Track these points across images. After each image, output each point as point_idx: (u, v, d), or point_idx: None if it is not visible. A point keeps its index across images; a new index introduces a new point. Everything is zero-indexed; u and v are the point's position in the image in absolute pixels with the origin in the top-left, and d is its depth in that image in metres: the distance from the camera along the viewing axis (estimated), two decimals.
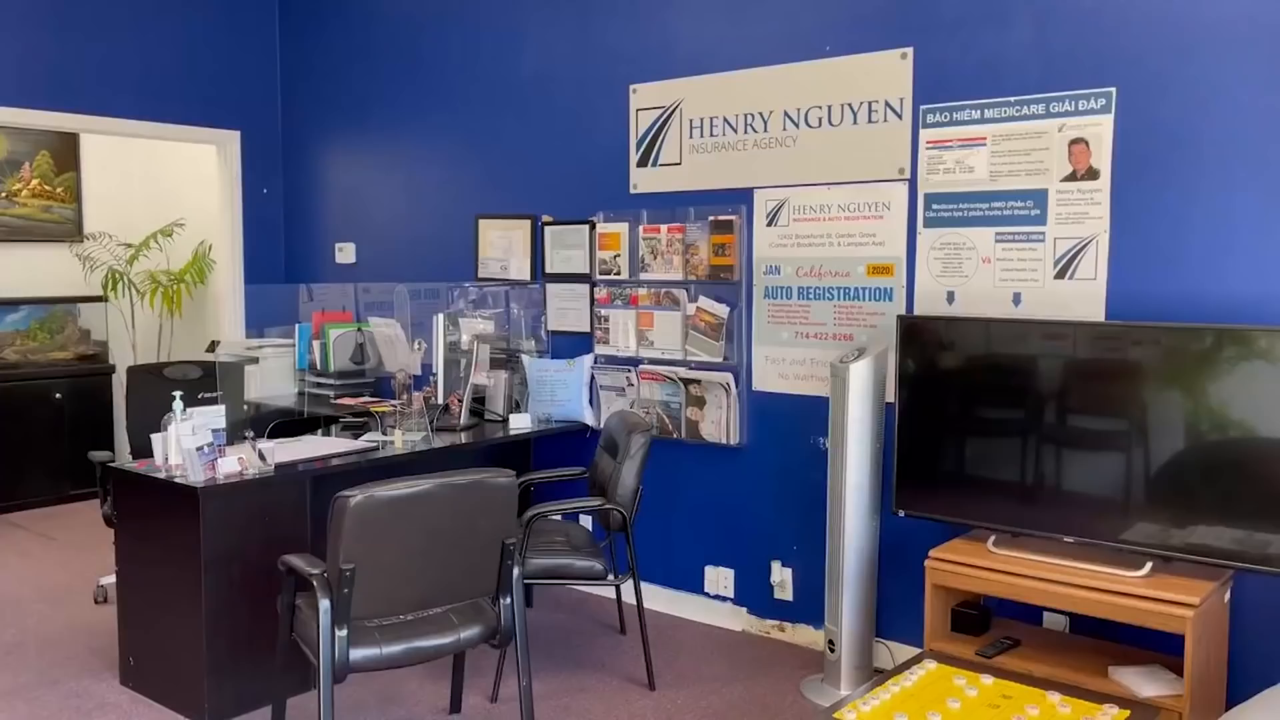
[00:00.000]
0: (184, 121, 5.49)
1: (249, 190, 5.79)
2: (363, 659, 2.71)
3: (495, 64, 4.82)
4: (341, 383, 5.19)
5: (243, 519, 3.33)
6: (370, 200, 5.47)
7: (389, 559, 2.69)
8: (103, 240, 6.59)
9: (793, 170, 3.87)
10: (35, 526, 5.69)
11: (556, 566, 3.48)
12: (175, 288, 6.52)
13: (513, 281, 4.82)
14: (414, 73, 5.18)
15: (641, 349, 4.31)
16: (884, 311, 3.67)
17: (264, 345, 5.40)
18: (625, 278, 4.34)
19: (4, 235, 6.32)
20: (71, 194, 6.60)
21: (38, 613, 4.31)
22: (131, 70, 5.28)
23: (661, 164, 4.23)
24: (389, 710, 3.40)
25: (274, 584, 3.35)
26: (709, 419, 4.12)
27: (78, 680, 3.62)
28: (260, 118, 5.81)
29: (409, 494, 2.69)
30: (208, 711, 3.27)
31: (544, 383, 4.51)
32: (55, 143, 6.48)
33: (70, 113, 5.08)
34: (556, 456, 4.66)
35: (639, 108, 4.29)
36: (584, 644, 3.98)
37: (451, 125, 5.03)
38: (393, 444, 3.91)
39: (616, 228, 4.35)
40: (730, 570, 4.16)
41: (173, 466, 3.38)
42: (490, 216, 4.89)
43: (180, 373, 4.63)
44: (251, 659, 3.36)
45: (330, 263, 5.69)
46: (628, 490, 3.56)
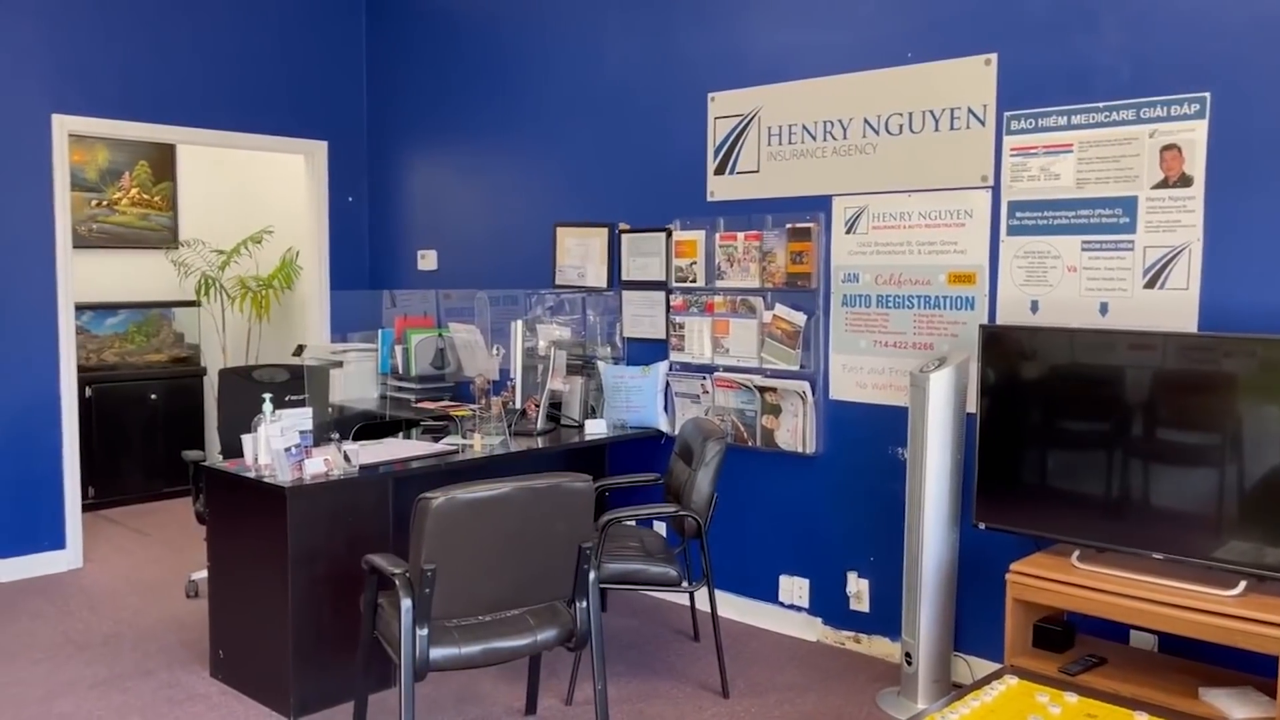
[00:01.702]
0: (274, 132, 5.67)
1: (335, 198, 5.95)
2: (442, 658, 2.76)
3: (575, 73, 4.88)
4: (422, 387, 5.30)
5: (327, 518, 3.42)
6: (451, 208, 5.57)
7: (468, 560, 2.74)
8: (196, 247, 6.83)
9: (872, 177, 3.84)
10: (131, 522, 5.91)
11: (631, 572, 3.50)
12: (264, 293, 6.73)
13: (589, 288, 4.86)
14: (495, 83, 5.27)
15: (717, 356, 4.31)
16: (965, 320, 3.62)
17: (348, 349, 5.53)
18: (701, 285, 4.35)
19: (105, 242, 6.60)
20: (168, 202, 6.85)
21: (132, 606, 4.47)
22: (225, 84, 5.47)
23: (739, 171, 4.23)
24: (465, 710, 3.46)
25: (357, 582, 3.44)
26: (784, 427, 4.10)
27: (170, 671, 3.75)
28: (347, 128, 5.97)
29: (489, 497, 2.74)
30: (293, 706, 3.36)
31: (619, 389, 4.54)
32: (153, 153, 6.75)
33: (168, 125, 5.28)
34: (630, 462, 4.68)
35: (717, 115, 4.30)
36: (657, 650, 4.00)
37: (531, 134, 5.11)
38: (472, 447, 3.97)
39: (693, 235, 4.36)
40: (805, 580, 4.13)
41: (262, 466, 3.49)
42: (568, 224, 4.95)
43: (268, 375, 4.78)
44: (335, 655, 3.45)
45: (412, 269, 5.81)
46: (703, 497, 3.56)
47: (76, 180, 6.23)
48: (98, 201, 6.54)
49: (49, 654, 3.91)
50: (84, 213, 6.42)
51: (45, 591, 4.66)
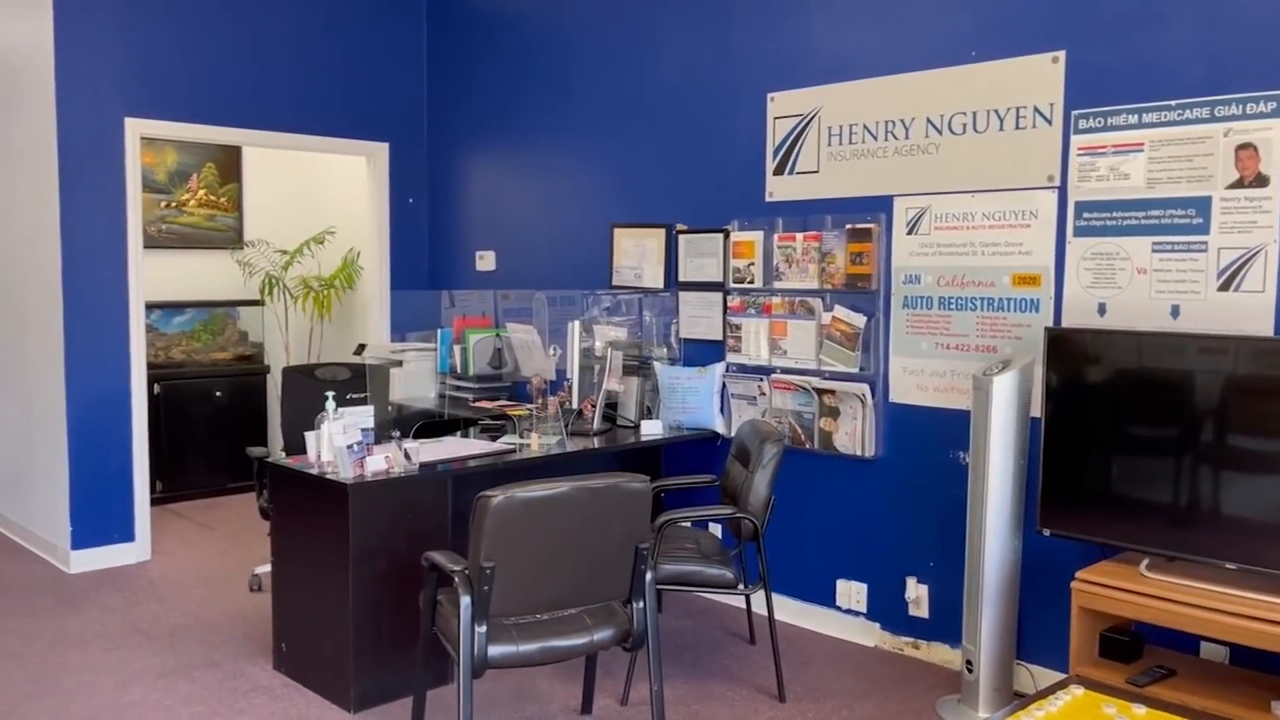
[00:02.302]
0: (337, 134, 5.76)
1: (396, 200, 6.03)
2: (500, 656, 2.78)
3: (633, 74, 4.88)
4: (480, 386, 5.34)
5: (388, 515, 3.46)
6: (510, 209, 5.62)
7: (526, 558, 2.76)
8: (261, 247, 6.97)
9: (935, 178, 3.79)
10: (196, 516, 6.05)
11: (687, 573, 3.49)
12: (326, 293, 6.84)
13: (646, 289, 4.86)
14: (553, 85, 5.30)
15: (774, 358, 4.29)
16: (1030, 323, 3.55)
17: (407, 349, 5.60)
18: (759, 286, 4.32)
19: (173, 242, 6.76)
20: (234, 204, 7.00)
21: (198, 598, 4.57)
22: (290, 87, 5.57)
23: (798, 172, 4.20)
24: (522, 707, 3.48)
25: (416, 579, 3.48)
26: (843, 430, 4.06)
27: (234, 663, 3.83)
28: (408, 130, 6.04)
29: (547, 496, 2.75)
30: (353, 699, 3.41)
31: (675, 390, 4.54)
32: (220, 155, 6.90)
33: (234, 127, 5.40)
34: (686, 463, 4.68)
35: (776, 115, 4.28)
36: (712, 652, 3.98)
37: (588, 135, 5.13)
38: (529, 447, 4.00)
39: (751, 236, 4.34)
40: (863, 585, 4.09)
41: (324, 463, 3.54)
42: (625, 225, 4.95)
43: (330, 374, 4.86)
44: (394, 650, 3.49)
45: (471, 270, 5.87)
46: (760, 499, 3.54)
47: (147, 182, 6.39)
48: (167, 203, 6.71)
49: (119, 643, 4.01)
50: (154, 214, 6.58)
51: (115, 583, 4.78)
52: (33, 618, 4.31)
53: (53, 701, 3.48)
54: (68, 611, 4.38)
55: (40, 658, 3.86)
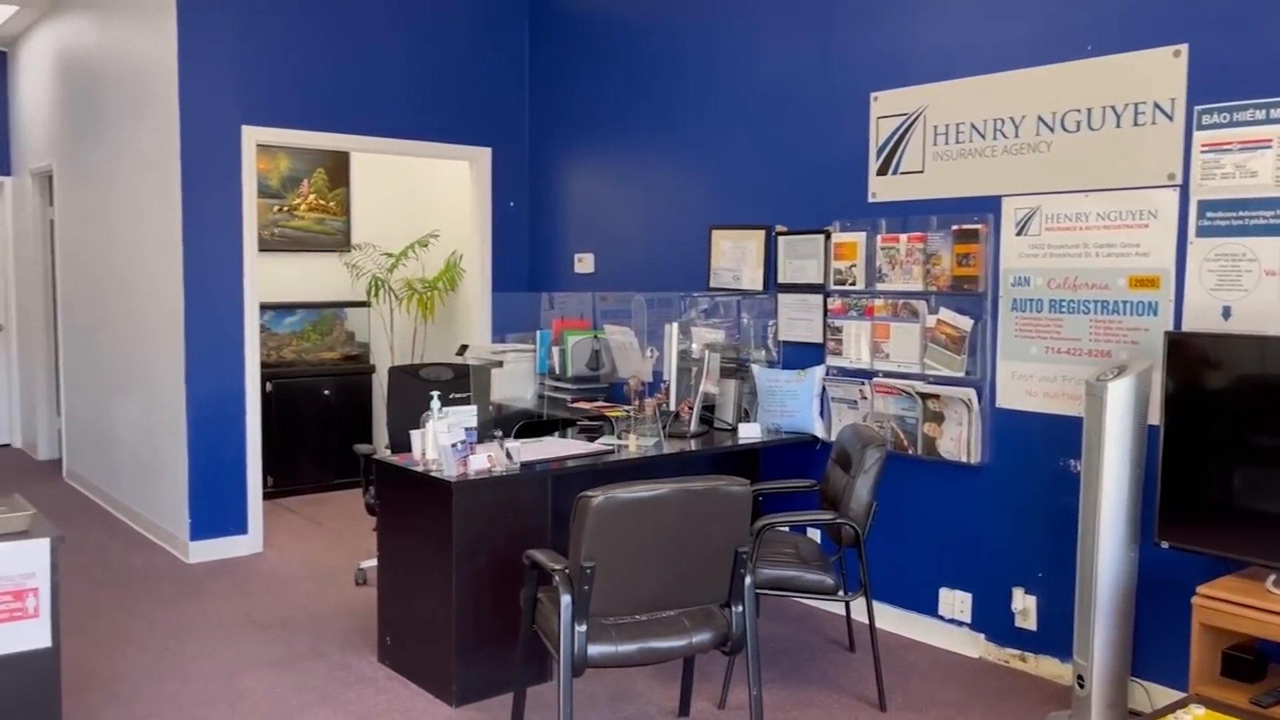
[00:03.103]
0: (441, 140, 5.89)
1: (497, 203, 6.13)
2: (599, 655, 2.80)
3: (732, 75, 4.87)
4: (578, 387, 5.39)
5: (490, 513, 3.52)
6: (609, 212, 5.65)
7: (626, 559, 2.77)
8: (368, 250, 7.17)
9: (1046, 177, 3.67)
10: (305, 511, 6.25)
11: (786, 578, 3.46)
12: (429, 294, 6.99)
13: (744, 291, 4.84)
14: (652, 87, 5.31)
15: (876, 361, 4.21)
16: (1147, 327, 3.42)
17: (508, 350, 5.69)
18: (861, 288, 4.26)
19: (285, 245, 7.00)
20: (342, 207, 7.22)
21: (306, 591, 4.72)
22: (396, 94, 5.71)
23: (902, 172, 4.13)
24: (620, 707, 3.49)
25: (516, 576, 3.52)
26: (947, 435, 3.97)
27: (340, 654, 3.94)
28: (509, 135, 6.14)
29: (647, 497, 2.76)
30: (455, 694, 3.47)
31: (774, 393, 4.50)
32: (329, 161, 7.12)
33: (343, 134, 5.56)
34: (784, 467, 4.63)
35: (880, 115, 4.21)
36: (811, 658, 3.94)
37: (687, 137, 5.13)
38: (626, 448, 4.01)
39: (853, 237, 4.28)
40: (967, 594, 3.99)
41: (429, 461, 3.62)
42: (723, 227, 4.94)
43: (434, 374, 4.96)
44: (496, 646, 3.55)
45: (570, 272, 5.93)
46: (861, 505, 3.49)
47: (261, 187, 6.63)
48: (279, 207, 6.95)
49: (233, 632, 4.17)
50: (267, 218, 6.83)
51: (229, 573, 4.97)
52: (155, 605, 4.51)
53: (173, 686, 3.64)
54: (186, 600, 4.57)
55: (161, 643, 4.04)
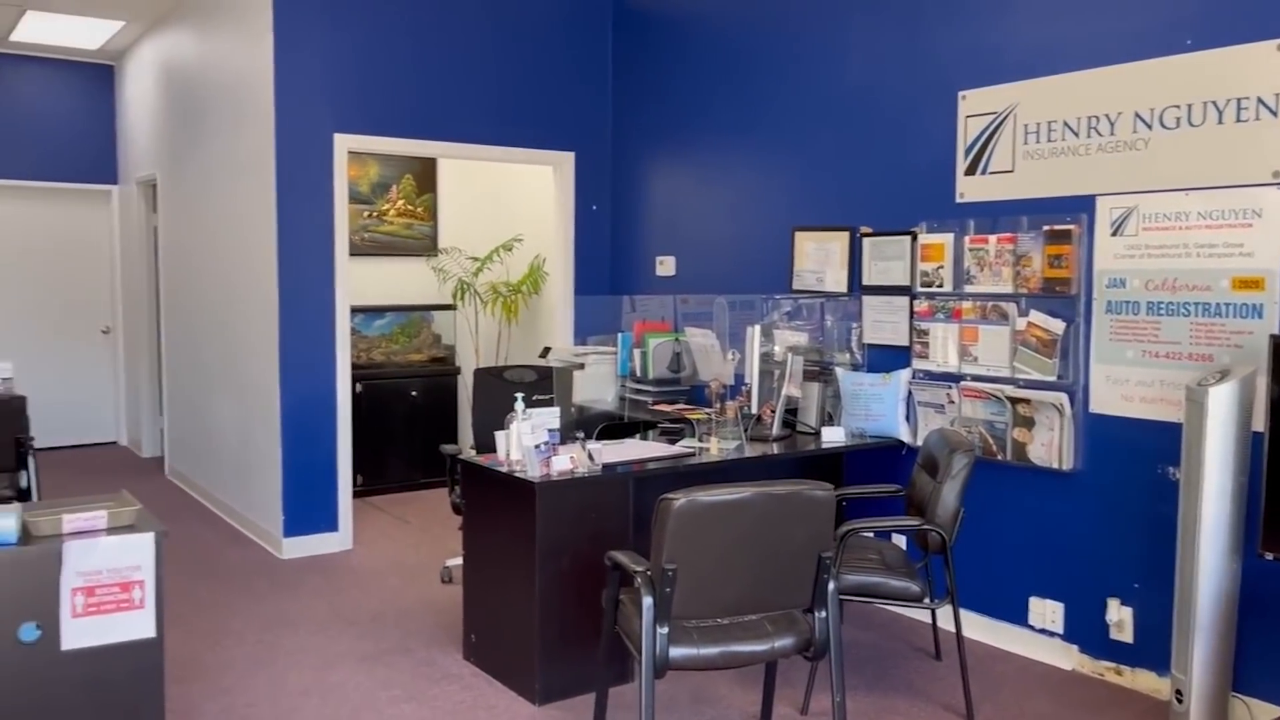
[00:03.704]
0: (526, 145, 5.96)
1: (580, 207, 6.18)
2: (681, 657, 2.80)
3: (816, 76, 4.83)
4: (659, 389, 5.40)
5: (572, 514, 3.55)
6: (690, 215, 5.66)
7: (708, 562, 2.76)
8: (454, 254, 7.30)
9: (1143, 175, 3.56)
10: (393, 510, 6.39)
11: (871, 584, 3.42)
12: (513, 298, 7.08)
13: (828, 293, 4.79)
14: (735, 90, 5.30)
15: (964, 364, 4.13)
16: (1252, 330, 3.28)
17: (589, 352, 5.73)
18: (948, 290, 4.18)
19: (374, 250, 7.17)
20: (429, 212, 7.36)
21: (394, 587, 4.83)
22: (482, 101, 5.80)
23: (991, 171, 4.04)
24: (701, 710, 3.49)
25: (599, 577, 3.55)
26: (1038, 440, 3.87)
27: (426, 651, 4.01)
28: (592, 139, 6.19)
29: (729, 500, 2.75)
30: (538, 692, 3.51)
31: (858, 396, 4.44)
32: (417, 167, 7.27)
33: (431, 140, 5.67)
34: (869, 472, 4.57)
35: (968, 114, 4.13)
36: (896, 666, 3.88)
37: (770, 139, 5.10)
38: (708, 450, 4.01)
39: (940, 238, 4.21)
40: (1059, 604, 3.88)
41: (513, 462, 3.67)
42: (807, 228, 4.90)
43: (518, 376, 5.02)
44: (578, 646, 3.58)
45: (651, 275, 5.95)
46: (948, 511, 3.42)
47: (352, 193, 6.80)
48: (369, 213, 7.12)
49: (324, 626, 4.29)
50: (357, 223, 7.00)
51: (321, 569, 5.11)
52: (251, 599, 4.66)
53: (268, 678, 3.75)
54: (280, 595, 4.71)
55: (258, 636, 4.17)
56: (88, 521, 2.64)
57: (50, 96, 8.07)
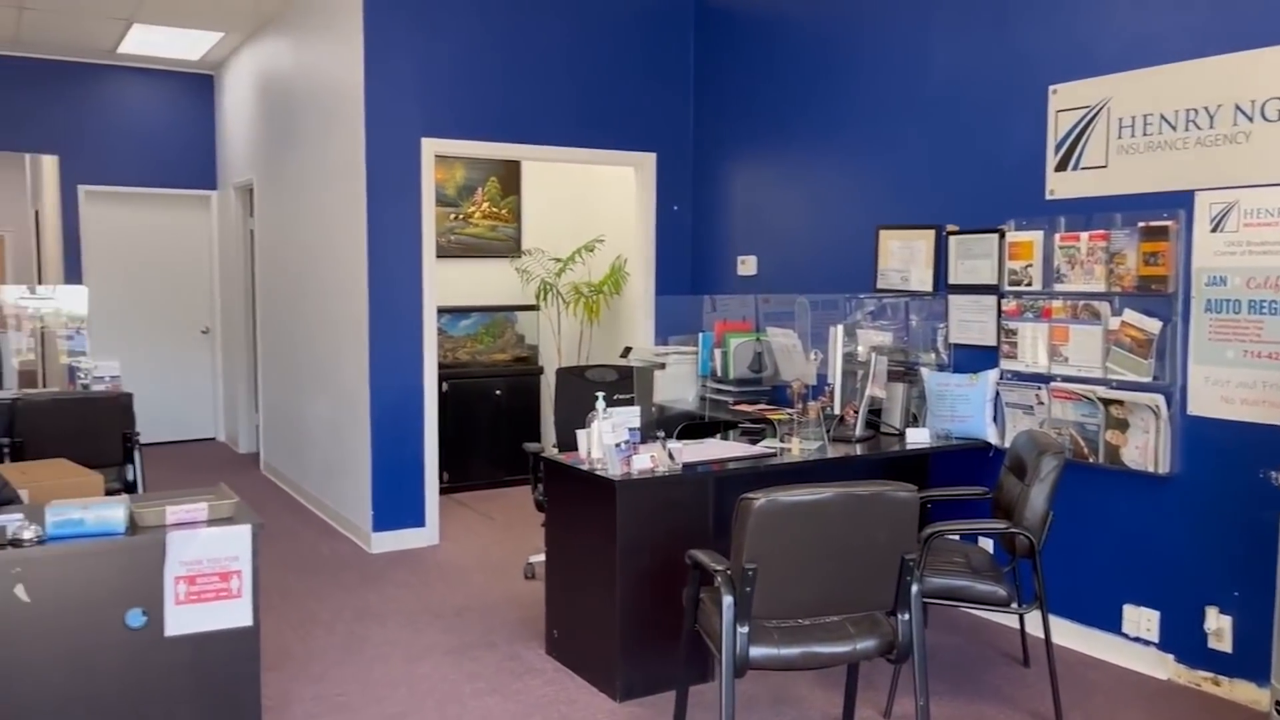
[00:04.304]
0: (608, 146, 6.01)
1: (662, 208, 6.20)
2: (762, 657, 2.80)
3: (901, 73, 4.76)
4: (740, 389, 5.39)
5: (653, 512, 3.57)
6: (772, 214, 5.63)
7: (788, 562, 2.76)
8: (537, 255, 7.39)
9: (1246, 169, 3.43)
10: (477, 506, 6.50)
11: (956, 588, 3.36)
12: (595, 298, 7.15)
13: (913, 293, 4.72)
14: (818, 87, 5.26)
15: (1054, 365, 4.03)
16: None
17: (670, 352, 5.74)
18: (1038, 289, 4.09)
19: (460, 252, 7.30)
20: (513, 214, 7.47)
21: (479, 582, 4.91)
22: (565, 103, 5.87)
23: (1083, 167, 3.94)
24: (782, 710, 3.47)
25: (679, 575, 3.56)
26: (1132, 443, 3.76)
27: (510, 645, 4.08)
28: (674, 140, 6.21)
29: (810, 500, 2.74)
30: (619, 689, 3.54)
31: (944, 397, 4.37)
32: (502, 170, 7.39)
33: (515, 143, 5.76)
34: (954, 474, 4.49)
35: (1059, 109, 4.03)
36: (982, 671, 3.81)
37: (854, 136, 5.05)
38: (789, 451, 3.99)
39: (1029, 236, 4.12)
40: (1154, 611, 3.77)
41: (595, 460, 3.70)
42: (891, 227, 4.84)
43: (599, 375, 5.07)
44: (658, 644, 3.60)
45: (732, 274, 5.94)
46: (1036, 515, 3.35)
47: (438, 196, 6.94)
48: (455, 215, 7.26)
49: (411, 620, 4.39)
50: (444, 225, 7.15)
51: (408, 564, 5.23)
52: (341, 591, 4.79)
53: (357, 668, 3.86)
54: (369, 588, 4.84)
55: (347, 628, 4.29)
56: (189, 513, 2.75)
57: (154, 106, 8.42)
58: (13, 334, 7.03)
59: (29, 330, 7.05)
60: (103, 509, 2.65)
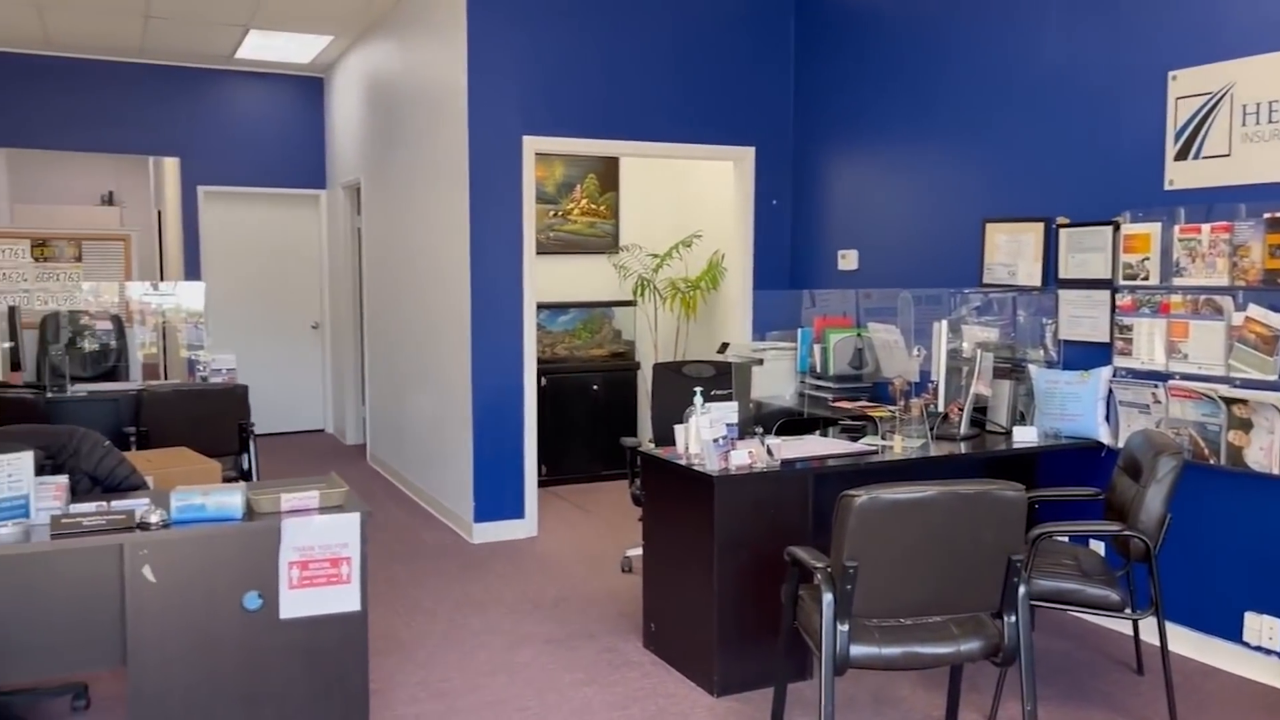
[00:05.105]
0: (706, 141, 6.00)
1: (760, 202, 6.16)
2: (862, 656, 2.76)
3: (1009, 60, 4.63)
4: (839, 386, 5.33)
5: (750, 508, 3.56)
6: (873, 208, 5.54)
7: (890, 561, 2.71)
8: (634, 251, 7.43)
9: None
10: (574, 499, 6.57)
11: (1067, 591, 3.26)
12: (692, 293, 7.15)
13: (1020, 287, 4.59)
14: (922, 77, 5.15)
15: (1172, 362, 3.87)
16: None
17: (768, 348, 5.71)
18: (1155, 283, 3.93)
19: (559, 248, 7.39)
20: (611, 211, 7.52)
21: (576, 574, 4.97)
22: (664, 99, 5.88)
23: (1205, 156, 3.77)
24: (883, 711, 3.42)
25: (777, 572, 3.54)
26: (1256, 444, 3.59)
27: (608, 637, 4.11)
28: (773, 133, 6.16)
29: (913, 498, 2.69)
30: (716, 684, 3.54)
31: (1053, 395, 4.24)
32: (600, 166, 7.44)
33: (614, 139, 5.79)
34: (1064, 475, 4.36)
35: (1179, 95, 3.86)
36: (1092, 678, 3.68)
37: (959, 127, 4.93)
38: (891, 449, 3.93)
39: (1145, 228, 3.96)
40: (1277, 620, 3.59)
41: (692, 455, 3.70)
42: (998, 220, 4.71)
43: (696, 371, 5.07)
44: (756, 640, 3.58)
45: (832, 269, 5.86)
46: (1152, 517, 3.22)
47: (538, 194, 7.03)
48: (554, 212, 7.34)
49: (511, 609, 4.46)
50: (543, 222, 7.23)
51: (508, 555, 5.32)
52: (444, 580, 4.90)
53: (459, 655, 3.94)
54: (470, 577, 4.94)
55: (449, 615, 4.39)
56: (302, 501, 2.86)
57: (267, 109, 8.73)
58: (138, 328, 7.38)
59: (152, 325, 7.39)
60: (222, 495, 2.77)
